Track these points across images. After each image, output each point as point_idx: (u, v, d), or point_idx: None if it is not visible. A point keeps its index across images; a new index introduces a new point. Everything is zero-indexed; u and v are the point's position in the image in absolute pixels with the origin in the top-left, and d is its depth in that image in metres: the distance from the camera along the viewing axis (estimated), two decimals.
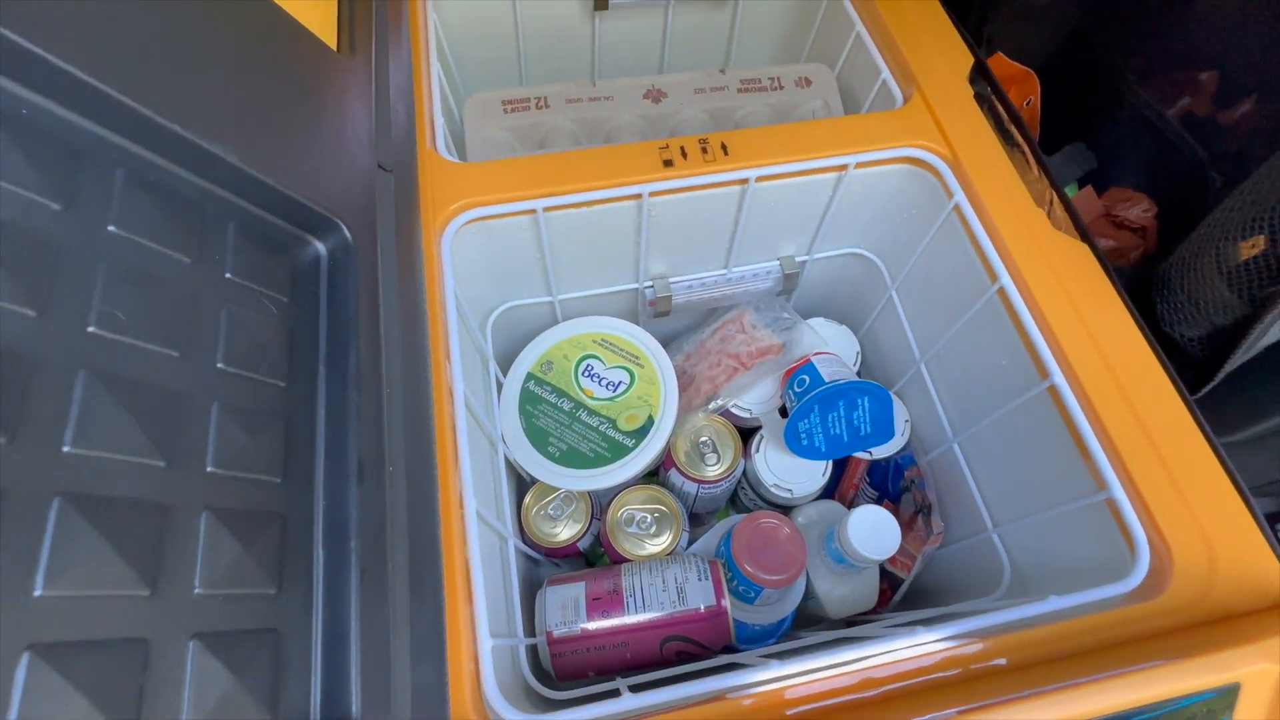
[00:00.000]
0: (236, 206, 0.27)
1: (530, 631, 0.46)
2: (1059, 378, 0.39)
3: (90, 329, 0.21)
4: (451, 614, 0.30)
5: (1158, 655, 0.28)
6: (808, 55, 0.63)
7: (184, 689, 0.20)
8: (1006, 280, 0.42)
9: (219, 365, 0.24)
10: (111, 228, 0.22)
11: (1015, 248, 0.43)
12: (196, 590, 0.21)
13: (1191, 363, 0.42)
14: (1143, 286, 0.48)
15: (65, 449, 0.19)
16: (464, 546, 0.33)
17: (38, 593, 0.17)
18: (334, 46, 0.35)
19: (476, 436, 0.43)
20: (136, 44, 0.24)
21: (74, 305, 0.20)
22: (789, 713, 0.29)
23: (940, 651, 0.31)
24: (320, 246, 0.31)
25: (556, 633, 0.46)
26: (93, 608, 0.18)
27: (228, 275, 0.26)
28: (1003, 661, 0.31)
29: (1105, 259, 0.42)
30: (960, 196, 0.45)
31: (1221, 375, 0.40)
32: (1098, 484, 0.37)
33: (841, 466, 0.62)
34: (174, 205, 0.25)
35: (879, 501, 0.59)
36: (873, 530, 0.48)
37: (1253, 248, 0.35)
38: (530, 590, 0.50)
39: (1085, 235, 0.43)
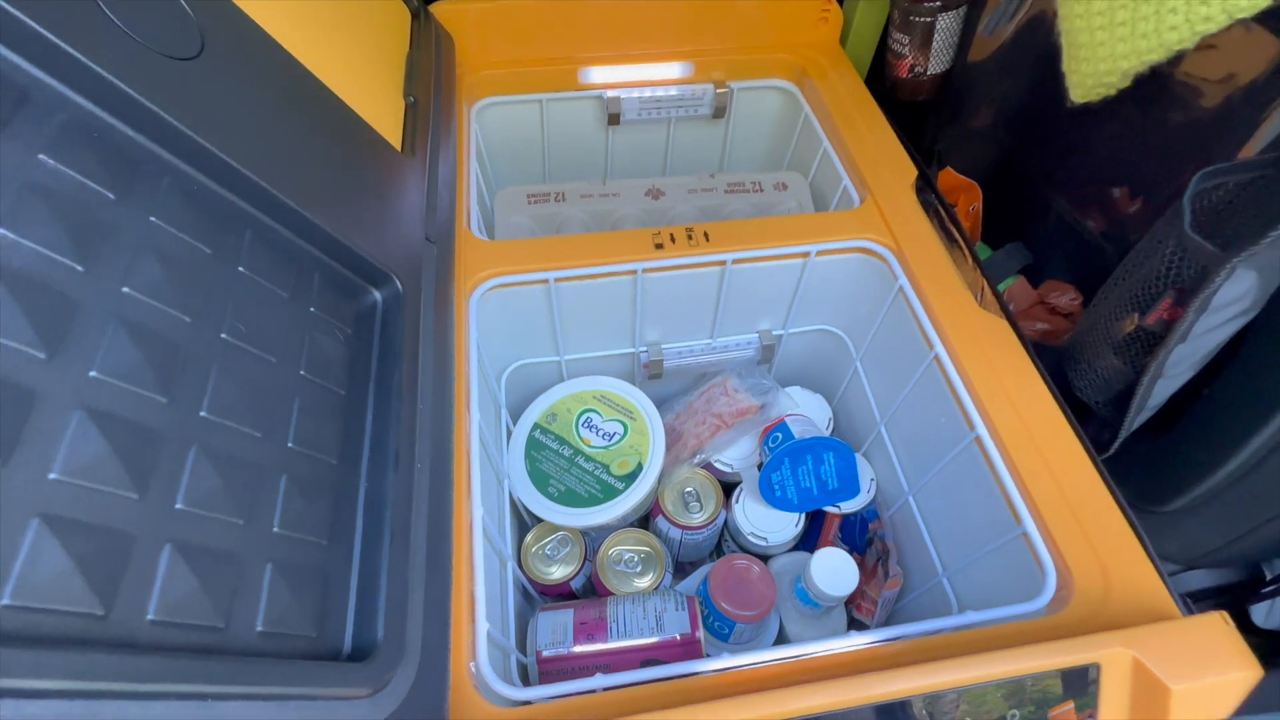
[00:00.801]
0: (321, 260, 0.36)
1: (523, 652, 0.52)
2: (982, 430, 0.46)
3: (223, 335, 0.29)
4: (456, 593, 0.36)
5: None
6: (787, 165, 0.75)
7: (260, 601, 0.27)
8: (940, 349, 0.50)
9: (301, 372, 0.33)
10: (241, 269, 0.32)
11: (947, 323, 0.51)
12: (275, 529, 0.28)
13: (1103, 424, 0.49)
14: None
15: (202, 413, 0.27)
16: (470, 544, 0.39)
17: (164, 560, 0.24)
18: (399, 148, 0.46)
19: (486, 467, 0.50)
20: (267, 142, 0.34)
21: (216, 321, 0.29)
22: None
23: (860, 646, 0.36)
24: (378, 295, 0.40)
25: (546, 653, 0.51)
26: (210, 527, 0.26)
27: (311, 310, 0.35)
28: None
29: (1024, 335, 0.50)
30: (903, 280, 0.54)
31: (1124, 433, 0.46)
32: (1016, 521, 0.43)
33: (817, 524, 0.68)
34: (280, 256, 0.34)
35: (849, 554, 0.64)
36: (833, 570, 0.53)
37: (1130, 324, 0.43)
38: (524, 620, 0.55)
39: (1008, 316, 0.51)
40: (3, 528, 0.20)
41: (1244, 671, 0.32)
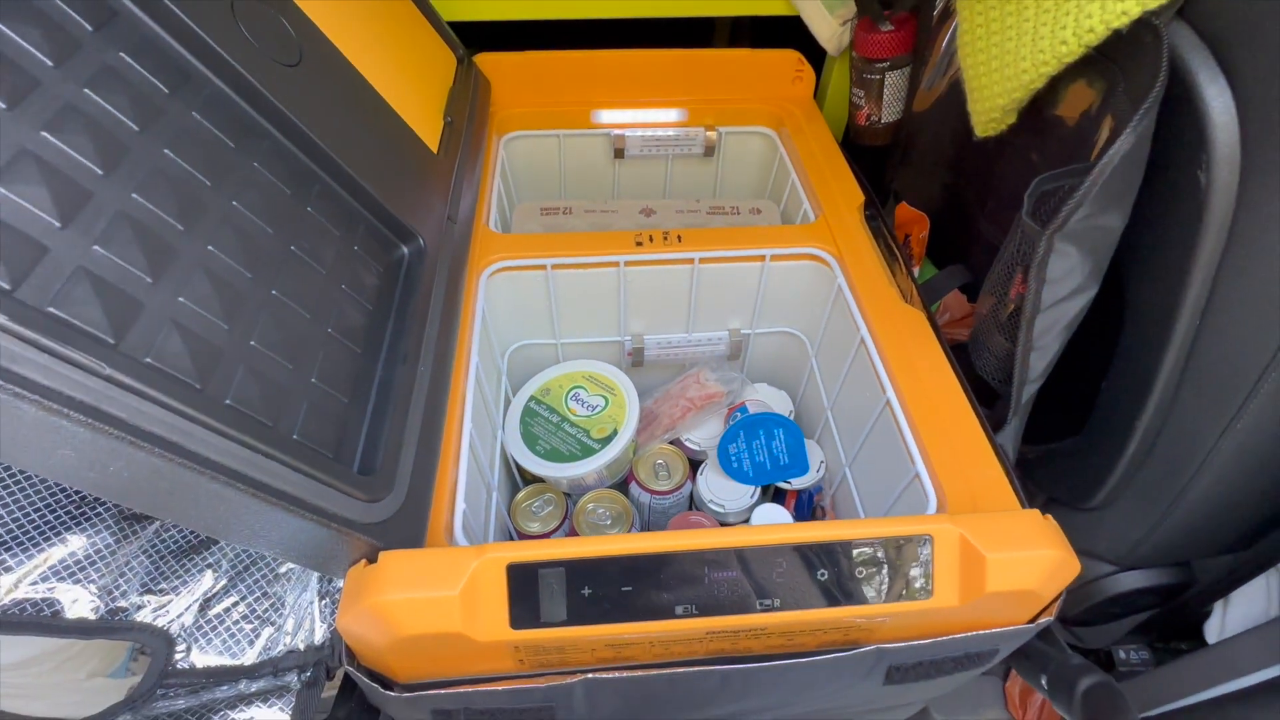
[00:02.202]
0: (365, 216, 0.49)
1: None
2: (891, 395, 0.55)
3: (292, 247, 0.42)
4: (441, 469, 0.46)
5: None
6: (766, 195, 0.87)
7: (298, 420, 0.37)
8: (865, 334, 0.60)
9: (343, 286, 0.45)
10: (309, 209, 0.44)
11: (874, 314, 0.61)
12: (312, 379, 0.39)
13: (1006, 402, 0.57)
14: None
15: (273, 290, 0.39)
16: (457, 440, 0.50)
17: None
18: (434, 150, 0.60)
19: (479, 406, 0.61)
20: (338, 127, 0.47)
21: (289, 237, 0.41)
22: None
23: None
24: (405, 250, 0.52)
25: None
26: (270, 363, 0.37)
27: (355, 248, 0.47)
28: None
29: (939, 328, 0.59)
30: (841, 280, 0.64)
31: (1015, 405, 0.54)
32: (911, 464, 0.51)
33: (779, 500, 0.76)
34: (336, 207, 0.47)
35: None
36: (769, 519, 0.61)
37: (1006, 305, 0.52)
38: None
39: (928, 314, 0.61)
40: (149, 322, 0.32)
41: (1053, 550, 0.39)
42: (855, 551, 0.39)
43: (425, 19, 0.72)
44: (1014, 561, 0.39)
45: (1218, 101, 0.40)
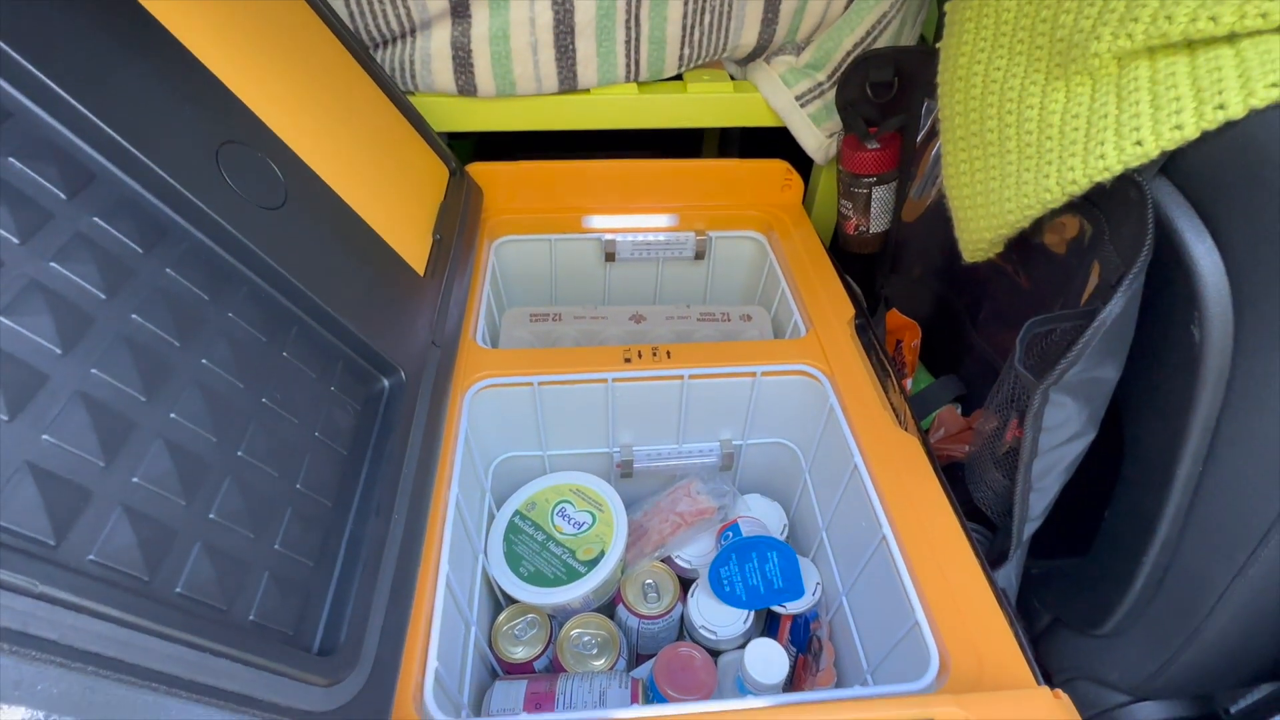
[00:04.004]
0: (345, 352, 0.48)
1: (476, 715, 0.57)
2: (887, 531, 0.53)
3: (263, 400, 0.40)
4: (413, 629, 0.44)
5: None
6: (757, 300, 0.87)
7: (256, 597, 0.35)
8: (859, 461, 0.58)
9: (316, 434, 0.43)
10: (285, 354, 0.43)
11: (867, 439, 0.59)
12: (276, 546, 0.37)
13: (1006, 535, 0.55)
14: None
15: (239, 452, 0.37)
16: (432, 592, 0.47)
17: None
18: (420, 273, 0.59)
19: (460, 538, 0.58)
20: (319, 264, 0.46)
21: (261, 389, 0.40)
22: None
23: (764, 706, 0.42)
24: (386, 383, 0.51)
25: (496, 716, 0.56)
26: (230, 536, 0.35)
27: (331, 388, 0.46)
28: None
29: (934, 455, 0.58)
30: (833, 400, 0.63)
31: (1017, 541, 0.52)
32: (911, 612, 0.49)
33: (773, 627, 0.72)
34: (314, 347, 0.46)
35: (795, 657, 0.68)
36: (765, 659, 0.58)
37: (1002, 444, 0.51)
38: (484, 691, 0.61)
39: (923, 439, 0.59)
40: (97, 512, 0.30)
41: None
42: None
43: (418, 134, 0.73)
44: None
45: (1206, 260, 0.40)
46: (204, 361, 0.38)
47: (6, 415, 0.28)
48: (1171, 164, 0.42)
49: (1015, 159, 0.48)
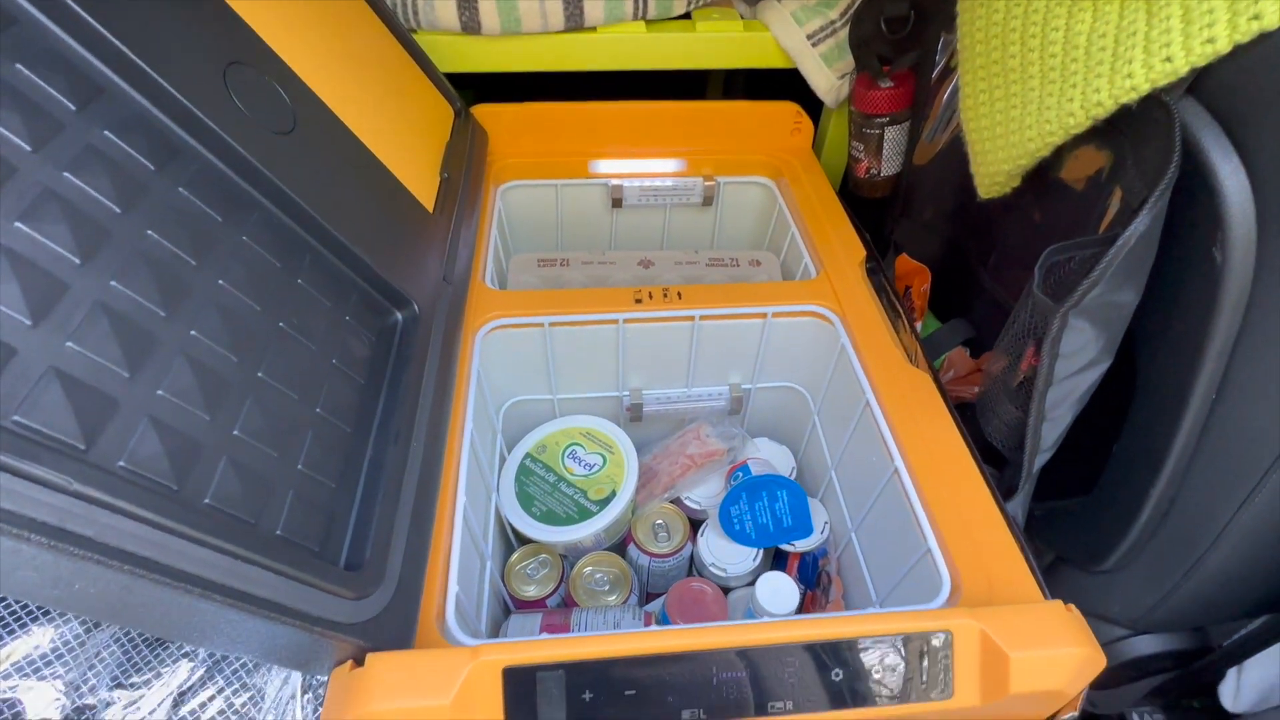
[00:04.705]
0: (358, 283, 0.48)
1: None
2: (899, 463, 0.53)
3: (280, 324, 0.40)
4: (433, 553, 0.44)
5: None
6: (765, 246, 0.86)
7: (282, 513, 0.35)
8: (871, 398, 0.58)
9: (333, 361, 0.43)
10: (299, 280, 0.43)
11: (879, 377, 0.60)
12: (299, 466, 0.37)
13: (1016, 469, 0.56)
14: None
15: (259, 373, 0.37)
16: (450, 519, 0.48)
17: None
18: (430, 209, 0.58)
19: (474, 473, 0.59)
20: (331, 194, 0.46)
21: (278, 312, 0.40)
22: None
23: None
24: (399, 316, 0.51)
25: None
26: (254, 452, 0.35)
27: (346, 318, 0.46)
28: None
29: (945, 390, 0.58)
30: (845, 339, 0.63)
31: (1026, 473, 0.53)
32: (922, 540, 0.50)
33: (781, 563, 0.73)
34: (328, 276, 0.45)
35: (804, 593, 0.69)
36: (775, 590, 0.59)
37: (1016, 375, 0.51)
38: (498, 626, 0.62)
39: (934, 375, 0.60)
40: (124, 421, 0.30)
41: (1079, 648, 0.37)
42: (871, 649, 0.37)
43: (422, 73, 0.71)
44: (1039, 660, 0.37)
45: (1232, 180, 0.39)
46: (221, 282, 0.37)
47: (30, 320, 0.28)
48: (1199, 83, 0.41)
49: (1038, 84, 0.47)
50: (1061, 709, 0.40)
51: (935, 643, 0.37)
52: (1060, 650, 0.37)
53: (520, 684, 0.35)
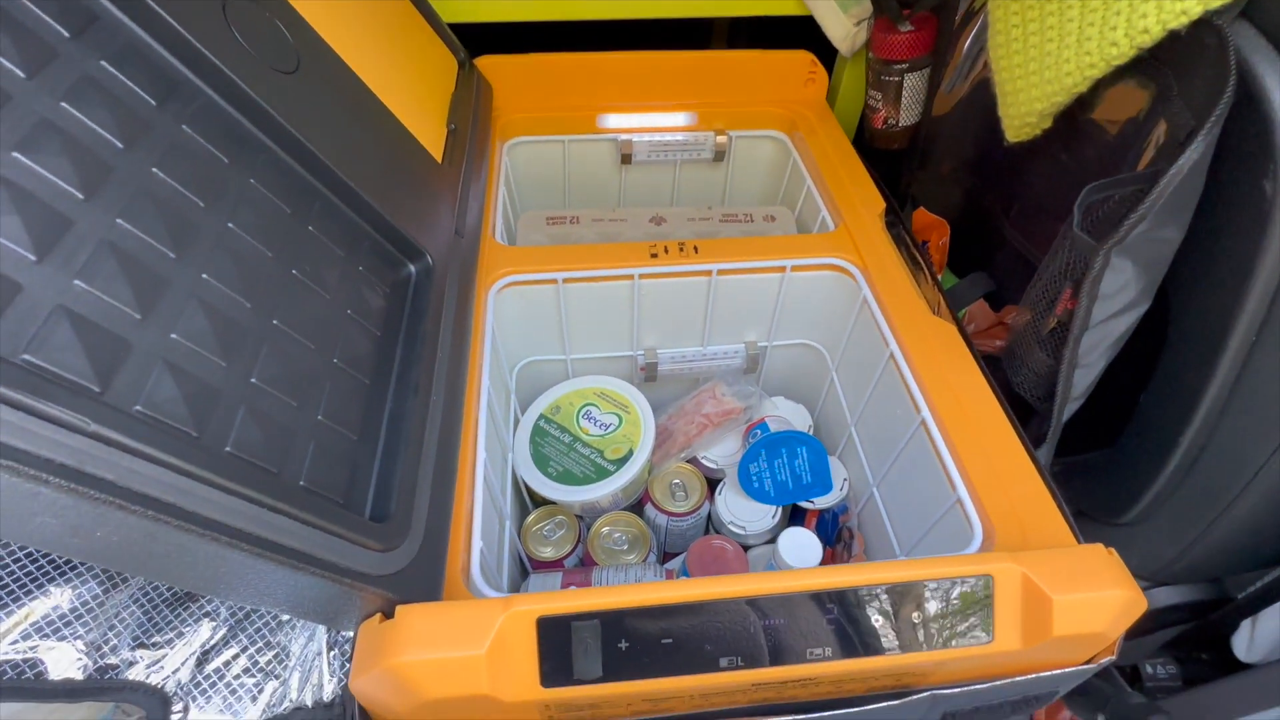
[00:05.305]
0: (370, 233, 0.46)
1: None
2: (927, 414, 0.52)
3: (293, 271, 0.38)
4: (457, 507, 0.43)
5: None
6: (779, 201, 0.84)
7: (304, 464, 0.34)
8: (895, 349, 0.57)
9: (348, 311, 0.41)
10: (310, 228, 0.41)
11: (903, 327, 0.58)
12: (319, 417, 0.36)
13: (1042, 419, 0.55)
14: None
15: (274, 321, 0.36)
16: (471, 474, 0.46)
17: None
18: (439, 160, 0.56)
19: (492, 432, 0.58)
20: (339, 139, 0.44)
21: (290, 260, 0.38)
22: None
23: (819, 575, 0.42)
24: (413, 268, 0.49)
25: None
26: (273, 402, 0.34)
27: (359, 268, 0.44)
28: None
29: (970, 340, 0.57)
30: (867, 292, 0.62)
31: (1056, 422, 0.52)
32: (952, 490, 0.49)
33: (799, 520, 0.73)
34: (339, 224, 0.43)
35: (823, 549, 0.69)
36: (798, 545, 0.58)
37: (1049, 320, 0.49)
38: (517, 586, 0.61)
39: (959, 325, 0.58)
40: (138, 364, 0.28)
41: (1121, 590, 0.37)
42: (912, 594, 0.36)
43: (425, 21, 0.68)
44: (1082, 603, 0.36)
45: None
46: (230, 225, 0.35)
47: (34, 256, 0.26)
48: (1252, 4, 0.39)
49: (1077, 14, 0.45)
50: (1099, 653, 0.40)
51: (976, 587, 0.36)
52: (1103, 593, 0.36)
53: (555, 633, 0.34)
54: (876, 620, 0.36)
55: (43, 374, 0.24)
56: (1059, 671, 0.39)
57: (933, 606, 0.37)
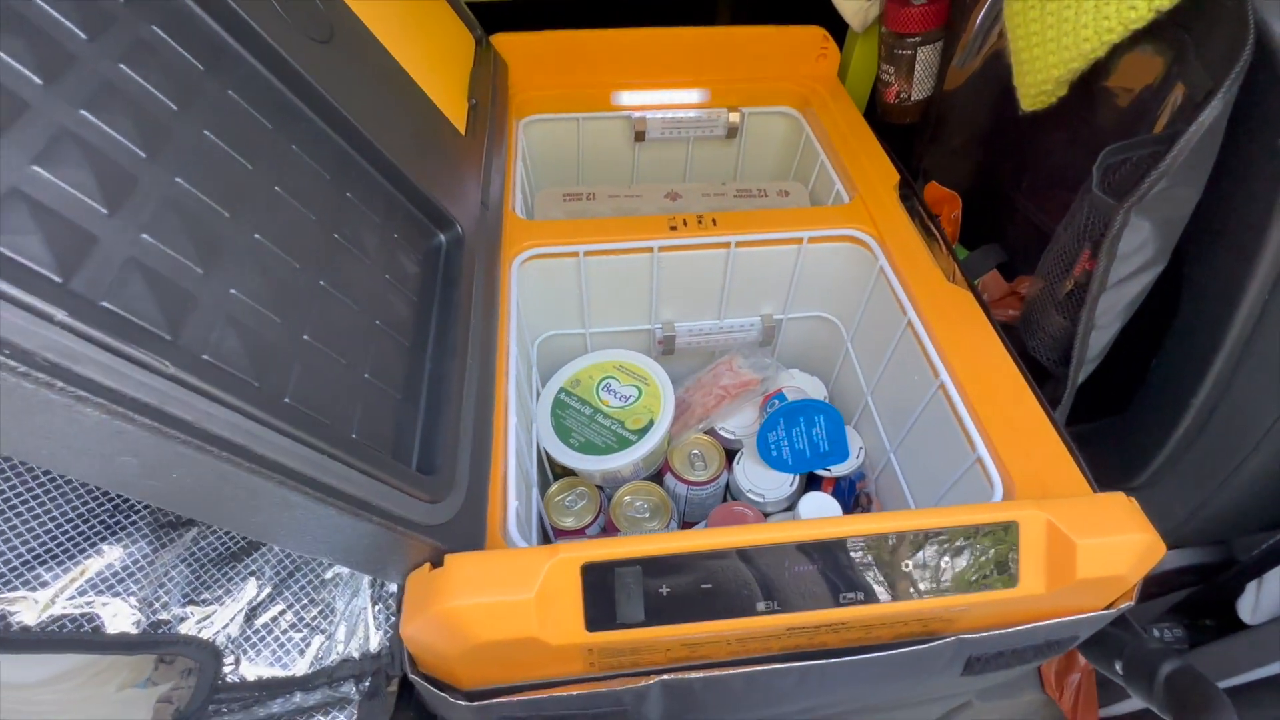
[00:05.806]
0: (403, 202, 0.47)
1: None
2: (946, 378, 0.54)
3: (335, 235, 0.39)
4: (494, 465, 0.44)
5: None
6: (791, 177, 0.85)
7: (355, 418, 0.35)
8: (913, 316, 0.58)
9: (386, 276, 0.42)
10: (348, 194, 0.42)
11: (920, 295, 0.59)
12: (365, 375, 0.37)
13: (1058, 383, 0.56)
14: None
15: (321, 282, 0.37)
16: (505, 433, 0.48)
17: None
18: (462, 131, 0.57)
19: (518, 400, 0.59)
20: (372, 108, 0.44)
21: (332, 224, 0.39)
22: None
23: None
24: (443, 237, 0.50)
25: None
26: (324, 358, 0.35)
27: (395, 235, 0.45)
28: None
29: (987, 305, 0.58)
30: (883, 261, 0.63)
31: (1071, 384, 0.53)
32: (971, 450, 0.50)
33: (815, 487, 0.74)
34: (374, 192, 0.44)
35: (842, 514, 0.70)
36: (818, 508, 0.60)
37: (1066, 282, 0.50)
38: None
39: (974, 292, 0.59)
40: (203, 316, 0.29)
41: (1142, 534, 0.38)
42: (940, 541, 0.38)
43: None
44: (1104, 547, 0.37)
45: None
46: (277, 189, 0.36)
47: (106, 210, 0.27)
48: None
49: None
50: (1119, 598, 0.41)
51: (1001, 533, 0.38)
52: (1125, 537, 0.38)
53: (599, 578, 0.35)
54: (906, 565, 0.37)
55: (122, 319, 0.25)
56: (1080, 616, 0.40)
57: (960, 552, 0.38)
